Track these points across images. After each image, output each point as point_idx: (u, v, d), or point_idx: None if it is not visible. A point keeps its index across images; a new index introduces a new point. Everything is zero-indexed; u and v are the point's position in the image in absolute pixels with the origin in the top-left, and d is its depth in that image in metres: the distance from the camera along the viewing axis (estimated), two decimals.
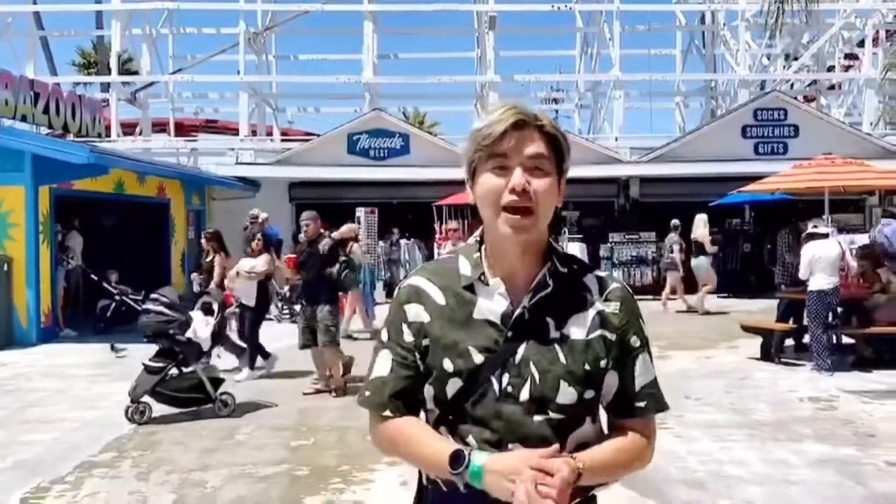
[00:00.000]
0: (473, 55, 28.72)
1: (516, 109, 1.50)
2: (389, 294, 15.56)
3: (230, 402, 7.29)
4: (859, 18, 23.71)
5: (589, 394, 1.50)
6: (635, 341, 1.56)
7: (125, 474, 5.57)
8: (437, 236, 17.62)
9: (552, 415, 1.47)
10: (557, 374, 1.47)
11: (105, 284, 12.29)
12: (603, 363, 1.51)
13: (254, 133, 23.75)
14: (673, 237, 15.42)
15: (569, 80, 30.03)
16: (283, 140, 24.23)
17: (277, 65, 27.63)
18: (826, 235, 10.37)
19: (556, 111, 34.73)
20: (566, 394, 1.47)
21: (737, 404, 7.54)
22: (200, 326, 7.20)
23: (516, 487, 1.34)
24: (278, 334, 10.95)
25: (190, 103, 29.59)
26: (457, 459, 1.41)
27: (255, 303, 9.15)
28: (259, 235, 9.67)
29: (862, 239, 16.11)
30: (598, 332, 1.52)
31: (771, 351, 9.75)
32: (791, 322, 10.40)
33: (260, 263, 9.18)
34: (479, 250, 1.56)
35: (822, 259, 9.06)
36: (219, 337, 7.60)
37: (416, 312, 1.55)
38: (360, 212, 17.97)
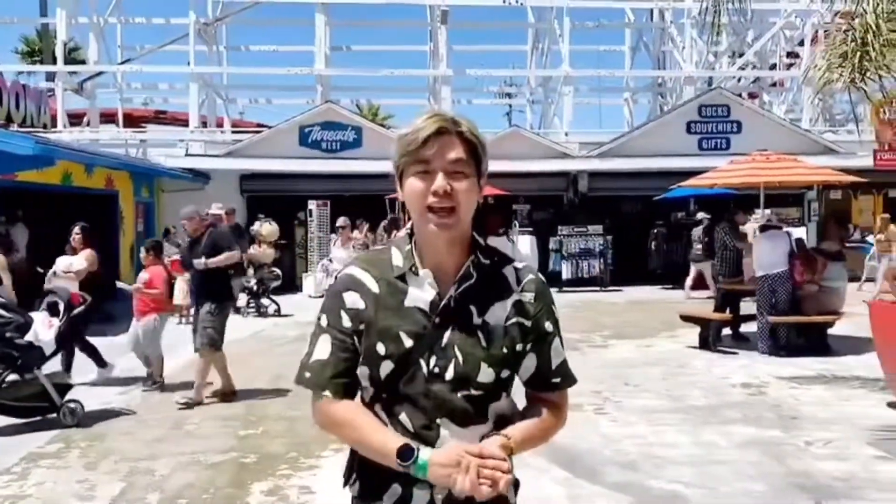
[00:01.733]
0: (426, 49, 28.83)
1: (438, 117, 1.65)
2: None
3: (78, 411, 6.67)
4: (799, 18, 24.46)
5: (505, 373, 1.69)
6: (549, 327, 1.73)
7: (73, 464, 5.64)
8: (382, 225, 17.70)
9: (473, 391, 1.65)
10: (479, 357, 1.64)
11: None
12: (519, 347, 1.69)
13: (204, 124, 23.55)
14: (699, 231, 15.88)
15: (520, 75, 30.38)
16: (233, 132, 24.05)
17: (228, 56, 27.40)
18: (779, 227, 10.88)
19: (510, 106, 35.11)
20: (486, 374, 1.65)
21: (673, 391, 7.86)
22: (42, 328, 6.63)
23: (459, 476, 1.52)
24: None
25: (139, 94, 29.18)
26: (404, 454, 1.55)
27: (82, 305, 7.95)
28: (77, 231, 8.61)
29: (799, 232, 16.75)
30: (516, 319, 1.69)
31: (708, 340, 10.14)
32: (728, 312, 10.81)
33: (77, 262, 8.27)
34: (410, 243, 1.71)
35: (774, 248, 9.58)
36: (66, 339, 7.11)
37: (353, 300, 1.68)
38: (312, 204, 18.02)
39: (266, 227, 17.93)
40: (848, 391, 7.62)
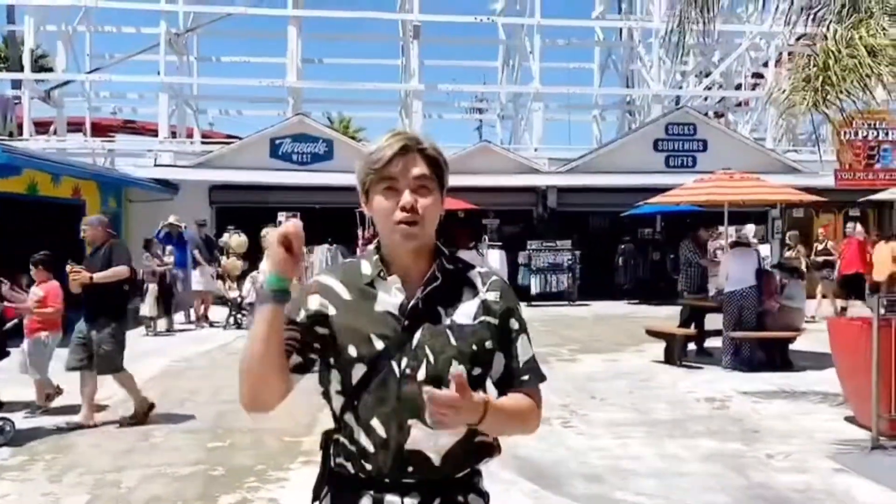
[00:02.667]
0: (398, 63, 28.97)
1: (401, 136, 1.74)
2: None
3: (8, 429, 6.39)
4: (764, 40, 25.02)
5: (476, 371, 1.74)
6: (514, 324, 1.80)
7: (37, 477, 5.58)
8: (360, 242, 17.74)
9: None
10: (450, 356, 1.70)
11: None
12: (488, 344, 1.75)
13: (173, 135, 23.39)
14: (716, 244, 16.17)
15: (491, 91, 30.61)
16: (203, 142, 23.93)
17: (199, 66, 27.25)
18: (748, 244, 11.12)
19: (480, 121, 35.34)
20: (458, 371, 1.69)
21: (638, 404, 7.98)
22: None
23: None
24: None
25: (107, 103, 28.91)
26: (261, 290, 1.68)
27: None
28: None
29: (763, 249, 17.08)
30: (483, 318, 1.76)
31: (674, 355, 10.30)
32: (693, 327, 11.00)
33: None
34: (377, 254, 1.80)
35: (742, 264, 9.79)
36: None
37: (319, 303, 1.74)
38: (282, 216, 17.95)
39: (235, 239, 17.87)
40: (807, 405, 7.80)
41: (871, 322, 6.20)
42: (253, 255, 18.04)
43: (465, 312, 1.75)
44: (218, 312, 14.66)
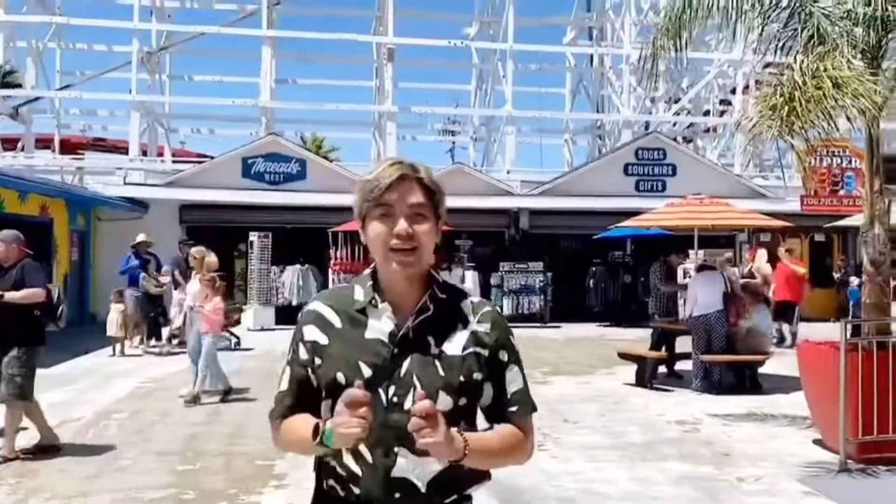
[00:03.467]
0: (372, 84, 29.09)
1: (399, 165, 1.76)
2: None
3: None
4: (732, 68, 25.55)
5: (463, 401, 1.75)
6: (504, 356, 1.80)
7: (1, 502, 5.45)
8: (333, 262, 17.72)
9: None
10: (437, 386, 1.71)
11: None
12: (476, 375, 1.75)
13: (144, 153, 23.21)
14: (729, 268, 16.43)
15: (464, 113, 30.84)
16: (174, 161, 23.78)
17: (171, 84, 27.13)
18: (714, 267, 11.25)
19: (453, 143, 35.54)
20: (444, 402, 1.70)
21: (610, 427, 8.02)
22: None
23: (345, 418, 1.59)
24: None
25: (77, 120, 28.60)
26: (315, 431, 1.67)
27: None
28: None
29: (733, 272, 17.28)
30: (472, 349, 1.76)
31: (644, 377, 10.38)
32: (663, 350, 11.10)
33: None
34: (372, 280, 1.81)
35: (709, 288, 9.90)
36: None
37: (312, 333, 1.79)
38: (254, 236, 17.88)
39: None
40: (777, 429, 7.89)
41: (838, 346, 6.31)
42: (224, 276, 18.00)
43: (455, 343, 1.76)
44: None
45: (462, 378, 1.73)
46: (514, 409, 1.82)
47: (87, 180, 19.31)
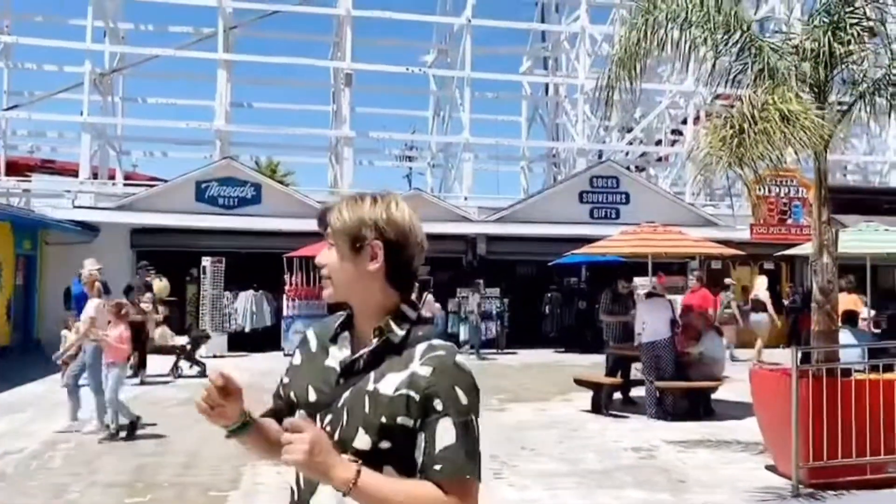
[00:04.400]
0: (329, 109, 29.05)
1: (326, 204, 1.91)
2: None
3: None
4: (683, 99, 26.16)
5: (384, 444, 1.63)
6: (438, 405, 1.62)
7: None
8: (288, 288, 17.53)
9: (349, 458, 1.62)
10: (359, 422, 1.66)
11: None
12: (402, 419, 1.62)
13: (95, 176, 22.74)
14: (730, 294, 16.91)
15: (422, 139, 30.98)
16: (126, 184, 23.35)
17: (124, 106, 26.72)
18: (662, 295, 11.40)
19: (410, 168, 35.63)
20: (362, 440, 1.64)
21: (567, 454, 8.03)
22: None
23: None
24: None
25: (25, 141, 27.95)
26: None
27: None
28: None
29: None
30: (404, 391, 1.63)
31: (601, 404, 10.44)
32: (619, 376, 11.19)
33: None
34: (349, 310, 1.83)
35: (657, 315, 10.03)
36: None
37: (296, 356, 1.88)
38: (207, 261, 17.60)
39: (157, 284, 17.37)
40: (730, 454, 8.00)
41: (790, 373, 6.43)
42: (176, 301, 17.68)
43: (390, 382, 1.66)
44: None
45: (384, 419, 1.62)
46: (437, 467, 1.60)
47: (35, 203, 18.82)
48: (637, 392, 11.04)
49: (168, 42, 25.35)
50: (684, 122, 27.25)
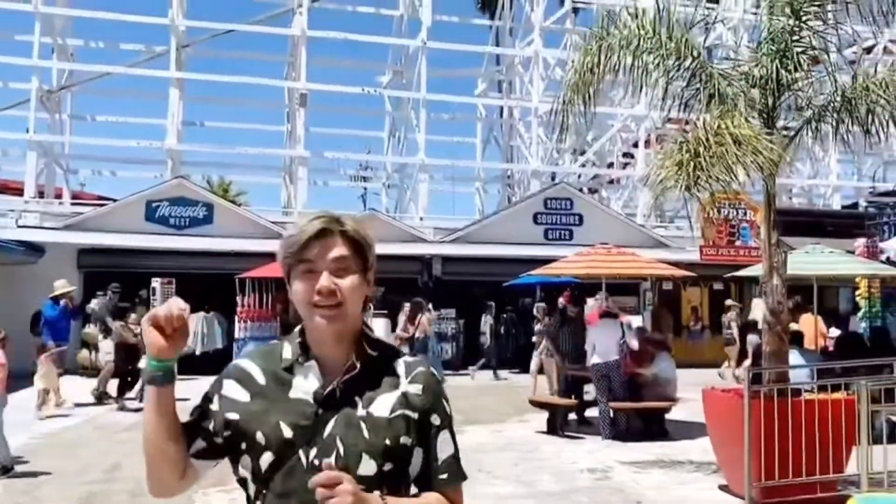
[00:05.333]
0: (283, 129, 28.87)
1: (321, 219, 1.70)
2: None
3: None
4: (634, 122, 26.65)
5: (388, 466, 1.66)
6: (436, 420, 1.71)
7: None
8: (240, 310, 17.25)
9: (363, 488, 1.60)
10: (360, 449, 1.63)
11: None
12: (403, 439, 1.66)
13: (41, 195, 22.17)
14: (732, 315, 17.57)
15: (377, 160, 30.94)
16: (73, 203, 22.79)
17: (72, 124, 26.16)
18: (615, 315, 11.49)
19: (365, 189, 35.53)
20: (367, 466, 1.63)
21: (524, 476, 8.02)
22: None
23: None
24: None
25: None
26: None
27: None
28: None
29: (636, 320, 17.78)
30: (401, 412, 1.67)
31: (556, 425, 10.47)
32: (572, 397, 11.24)
33: None
34: (300, 337, 1.73)
35: (606, 336, 10.11)
36: None
37: (231, 389, 1.72)
38: (156, 282, 17.25)
39: None
40: (684, 475, 8.07)
41: (742, 393, 6.53)
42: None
43: (383, 404, 1.68)
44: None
45: (388, 442, 1.65)
46: (443, 477, 1.71)
47: None
48: (592, 412, 11.09)
49: (119, 59, 24.95)
50: (635, 145, 27.74)
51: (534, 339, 15.54)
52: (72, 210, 20.55)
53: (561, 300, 14.87)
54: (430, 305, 18.36)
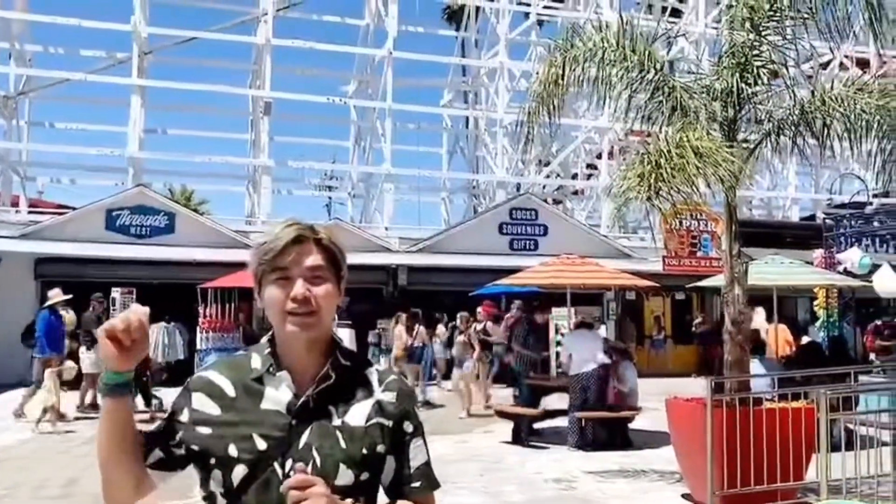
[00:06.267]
0: (247, 137, 28.64)
1: (296, 226, 1.68)
2: None
3: None
4: (598, 134, 26.94)
5: (365, 476, 1.65)
6: (409, 427, 1.71)
7: None
8: (202, 320, 17.02)
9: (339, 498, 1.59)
10: (338, 459, 1.61)
11: None
12: (379, 448, 1.66)
13: None
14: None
15: (342, 169, 30.81)
16: (31, 212, 22.33)
17: (30, 131, 25.67)
18: (591, 325, 11.54)
19: (329, 198, 35.37)
20: (345, 476, 1.61)
21: (489, 487, 8.00)
22: None
23: None
24: None
25: None
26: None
27: None
28: None
29: (601, 330, 17.89)
30: (376, 420, 1.66)
31: (521, 435, 10.48)
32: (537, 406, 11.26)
33: None
34: (270, 346, 1.70)
35: (584, 347, 10.16)
36: None
37: (200, 401, 1.67)
38: (117, 292, 16.95)
39: (64, 316, 16.60)
40: (648, 483, 8.13)
41: (704, 403, 6.59)
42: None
43: (358, 413, 1.67)
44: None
45: (365, 451, 1.64)
46: (416, 484, 1.71)
47: None
48: (550, 423, 11.06)
49: (79, 66, 24.59)
50: (599, 156, 28.06)
51: (453, 351, 15.16)
52: (29, 218, 20.17)
53: (480, 311, 14.88)
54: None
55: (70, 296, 13.38)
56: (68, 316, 16.11)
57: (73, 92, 25.80)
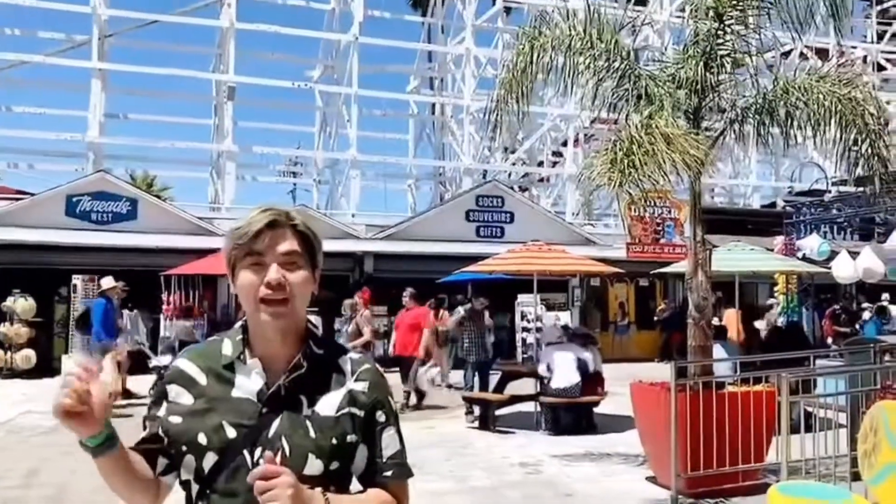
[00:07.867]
0: (210, 122, 28.25)
1: (271, 211, 1.66)
2: None
3: None
4: (563, 122, 27.08)
5: (334, 465, 1.63)
6: (381, 416, 1.70)
7: None
8: (165, 307, 16.83)
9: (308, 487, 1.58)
10: (307, 448, 1.61)
11: None
12: (350, 438, 1.65)
13: None
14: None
15: (308, 155, 30.55)
16: None
17: None
18: (582, 336, 11.49)
19: (294, 185, 35.09)
20: (314, 466, 1.61)
21: (456, 472, 8.05)
22: None
23: None
24: None
25: None
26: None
27: None
28: None
29: (564, 316, 18.08)
30: (347, 410, 1.66)
31: (488, 420, 10.54)
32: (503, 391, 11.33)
33: None
34: (242, 333, 1.69)
35: (564, 360, 10.28)
36: None
37: (174, 392, 1.67)
38: (77, 279, 16.68)
39: (21, 304, 16.42)
40: (613, 467, 8.24)
41: (668, 387, 6.70)
42: (42, 322, 16.64)
43: (329, 403, 1.66)
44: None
45: (335, 441, 1.63)
46: (388, 473, 1.71)
47: None
48: (523, 408, 11.16)
49: (37, 48, 23.95)
50: (564, 144, 28.20)
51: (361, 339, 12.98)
52: None
53: (357, 298, 14.82)
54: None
55: (123, 283, 13.24)
56: (26, 303, 15.89)
57: (31, 75, 25.28)
